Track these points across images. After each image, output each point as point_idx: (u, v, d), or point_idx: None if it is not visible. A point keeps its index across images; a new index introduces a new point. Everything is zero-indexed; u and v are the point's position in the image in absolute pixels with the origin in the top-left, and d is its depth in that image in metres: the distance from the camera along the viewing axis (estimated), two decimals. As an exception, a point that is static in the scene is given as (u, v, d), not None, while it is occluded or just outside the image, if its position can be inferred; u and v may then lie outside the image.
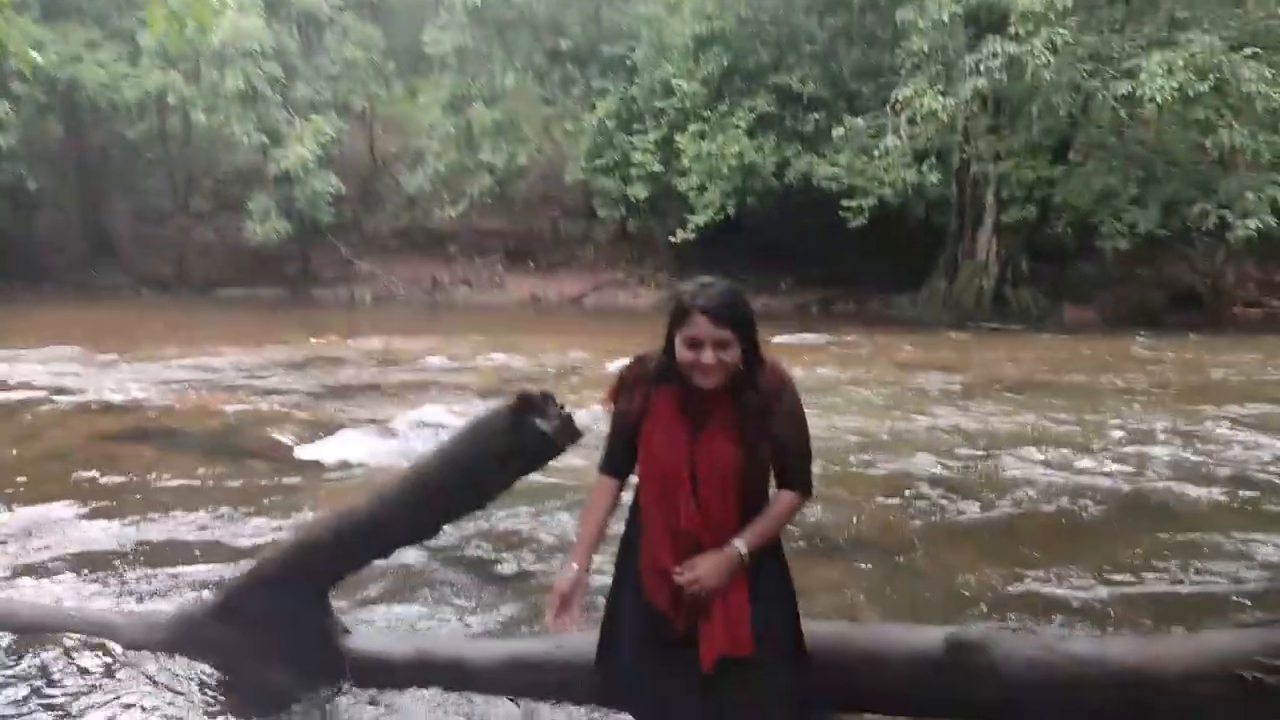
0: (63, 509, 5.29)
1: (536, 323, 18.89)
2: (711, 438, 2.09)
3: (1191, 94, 15.19)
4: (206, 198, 25.57)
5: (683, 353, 2.07)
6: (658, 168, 20.92)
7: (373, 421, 7.71)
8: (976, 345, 14.75)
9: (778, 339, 13.76)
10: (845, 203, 19.43)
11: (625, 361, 2.29)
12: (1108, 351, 13.77)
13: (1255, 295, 22.26)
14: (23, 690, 3.19)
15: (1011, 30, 15.79)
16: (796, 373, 2.31)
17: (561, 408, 2.75)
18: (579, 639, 3.25)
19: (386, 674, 3.22)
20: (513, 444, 2.58)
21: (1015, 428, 7.90)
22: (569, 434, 2.69)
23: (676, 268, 23.51)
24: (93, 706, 3.11)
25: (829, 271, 22.69)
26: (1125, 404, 9.15)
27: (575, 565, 2.23)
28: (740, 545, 2.09)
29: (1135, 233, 17.96)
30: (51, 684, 3.23)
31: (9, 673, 3.29)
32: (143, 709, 3.10)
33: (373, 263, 24.23)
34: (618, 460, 2.28)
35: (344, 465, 6.44)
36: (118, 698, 3.16)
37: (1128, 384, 10.53)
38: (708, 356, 2.04)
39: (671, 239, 21.07)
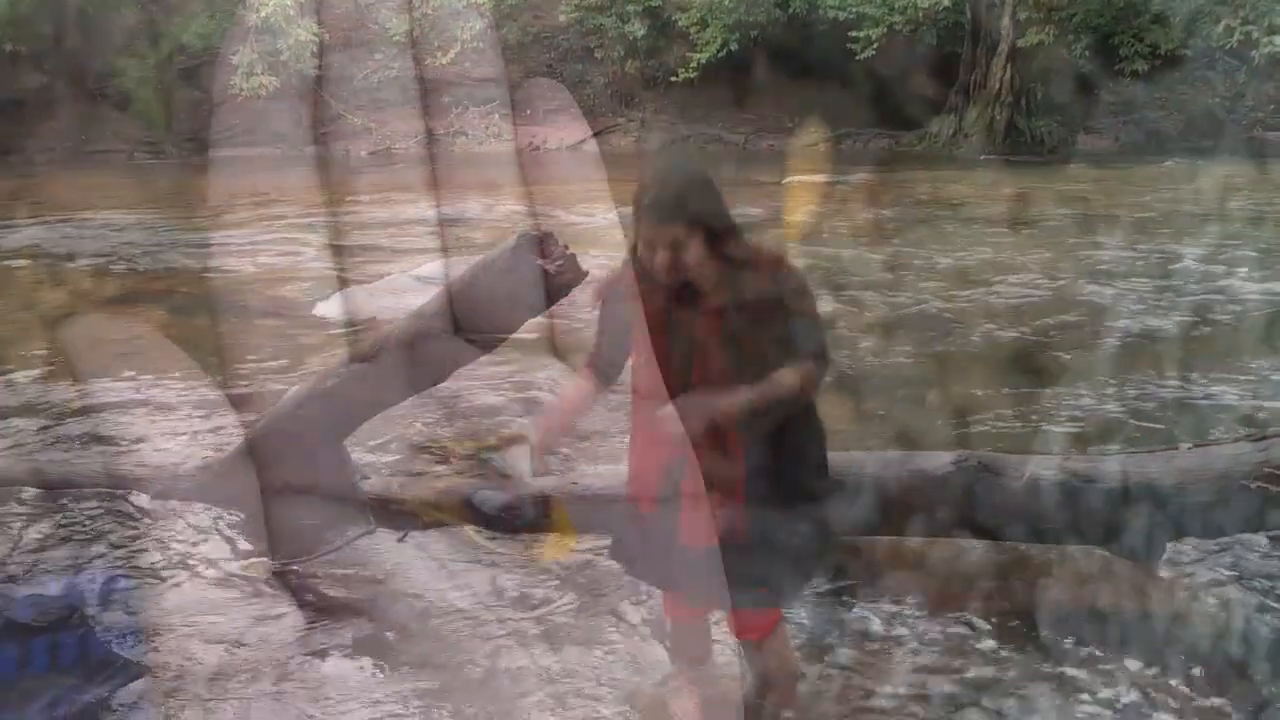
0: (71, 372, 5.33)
1: (537, 172, 18.48)
2: (705, 339, 1.96)
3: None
4: (187, 54, 24.57)
5: (643, 249, 1.95)
6: (656, 2, 19.91)
7: (378, 277, 7.67)
8: (995, 179, 14.43)
9: (787, 180, 13.50)
10: (853, 33, 18.60)
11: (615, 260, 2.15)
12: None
13: (1275, 118, 21.58)
14: (56, 541, 3.30)
15: None
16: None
17: (565, 247, 2.70)
18: (589, 479, 3.32)
19: (407, 516, 3.31)
20: (515, 284, 2.54)
21: (1030, 258, 7.82)
22: (573, 273, 2.66)
23: (678, 110, 22.75)
24: (128, 554, 3.21)
25: (836, 110, 21.92)
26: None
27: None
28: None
29: (1155, 53, 17.21)
30: (86, 533, 3.33)
31: (44, 525, 3.39)
32: (177, 553, 3.20)
33: (366, 116, 23.51)
34: (602, 360, 2.14)
35: (351, 321, 6.45)
36: (149, 545, 3.26)
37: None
38: (660, 258, 1.92)
39: (673, 79, 20.31)
